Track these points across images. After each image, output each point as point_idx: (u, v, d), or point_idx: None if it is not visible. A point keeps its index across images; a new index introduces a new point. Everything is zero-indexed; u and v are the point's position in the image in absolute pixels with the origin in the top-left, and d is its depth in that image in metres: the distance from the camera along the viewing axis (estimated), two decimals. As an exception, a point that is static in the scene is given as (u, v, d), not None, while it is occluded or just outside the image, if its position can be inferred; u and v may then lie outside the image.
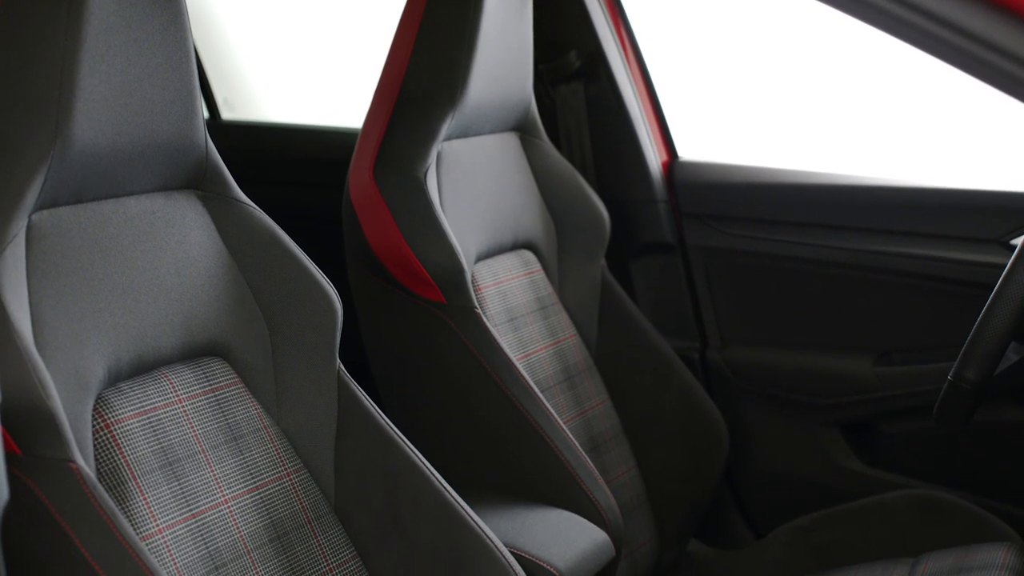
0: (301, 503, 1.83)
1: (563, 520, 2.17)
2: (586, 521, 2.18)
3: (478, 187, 2.48)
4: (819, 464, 2.78)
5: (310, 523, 1.83)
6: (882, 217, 2.69)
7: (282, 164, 3.42)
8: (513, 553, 1.91)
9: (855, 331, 2.74)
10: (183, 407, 1.74)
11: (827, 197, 2.76)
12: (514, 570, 1.86)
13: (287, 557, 1.77)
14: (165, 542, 1.63)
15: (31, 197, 1.58)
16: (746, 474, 2.89)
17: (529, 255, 2.61)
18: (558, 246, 2.69)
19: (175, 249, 1.78)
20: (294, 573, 1.77)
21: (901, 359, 2.68)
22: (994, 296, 1.95)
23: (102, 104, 1.62)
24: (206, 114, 3.56)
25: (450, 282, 2.26)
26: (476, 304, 2.29)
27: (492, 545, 1.86)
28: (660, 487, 2.66)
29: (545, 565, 2.01)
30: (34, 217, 1.60)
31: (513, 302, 2.50)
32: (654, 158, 2.93)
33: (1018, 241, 2.16)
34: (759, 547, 2.70)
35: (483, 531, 1.87)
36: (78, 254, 1.64)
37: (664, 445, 2.66)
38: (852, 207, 2.73)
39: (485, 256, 2.48)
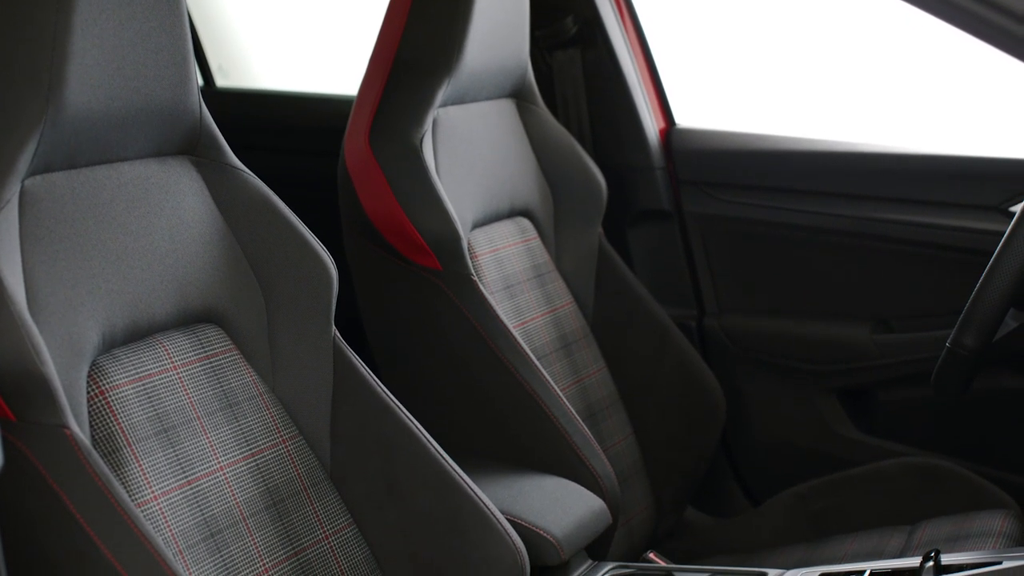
0: (297, 470, 1.82)
1: (560, 487, 2.16)
2: (583, 488, 2.18)
3: (474, 154, 2.46)
4: (816, 432, 2.77)
5: (306, 490, 1.82)
6: (881, 184, 2.68)
7: (277, 132, 3.40)
8: (510, 520, 1.91)
9: (853, 298, 2.73)
10: (178, 374, 1.73)
11: (826, 164, 2.75)
12: (510, 537, 1.86)
13: (283, 524, 1.77)
14: (160, 509, 1.62)
15: (24, 162, 1.56)
16: (743, 442, 2.89)
17: (525, 222, 2.60)
18: (555, 213, 2.68)
19: (169, 215, 1.76)
20: (290, 540, 1.77)
21: (899, 327, 2.68)
22: (993, 262, 1.94)
23: (94, 69, 1.61)
24: (200, 81, 3.54)
25: (446, 249, 2.25)
26: (472, 271, 2.28)
27: (488, 512, 1.86)
28: (657, 455, 2.65)
29: (542, 532, 2.01)
30: (27, 182, 1.59)
31: (509, 269, 2.49)
32: (651, 125, 2.91)
33: (1017, 208, 2.15)
34: (756, 515, 2.70)
35: (479, 498, 1.87)
36: (72, 220, 1.63)
37: (661, 413, 2.66)
38: (851, 174, 2.72)
39: (481, 223, 2.47)
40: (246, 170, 1.87)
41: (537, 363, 2.27)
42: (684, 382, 2.67)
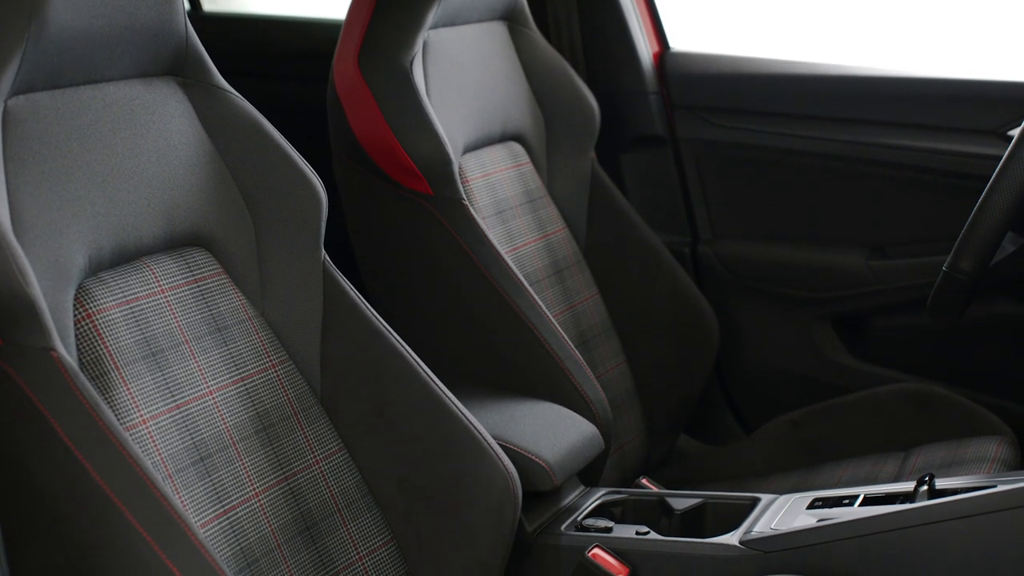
0: (287, 395, 1.81)
1: (552, 413, 2.15)
2: (575, 414, 2.17)
3: (465, 77, 2.43)
4: (811, 359, 2.77)
5: (296, 415, 1.81)
6: (877, 108, 2.66)
7: (265, 57, 3.37)
8: (502, 446, 1.90)
9: (849, 224, 2.72)
10: (166, 297, 1.71)
11: (822, 88, 2.73)
12: (502, 462, 1.85)
13: (273, 448, 1.76)
14: (149, 432, 1.61)
15: (6, 82, 1.54)
16: (736, 369, 2.88)
17: (517, 147, 2.57)
18: (547, 138, 2.65)
19: (155, 137, 1.74)
20: (280, 464, 1.75)
21: (895, 253, 2.67)
22: (991, 185, 1.93)
23: (77, -15, 1.58)
24: (187, 5, 3.49)
25: (437, 173, 2.23)
26: (463, 196, 2.26)
27: (480, 437, 1.85)
28: (649, 382, 2.65)
29: (534, 458, 2.00)
30: (10, 103, 1.56)
31: (501, 194, 2.47)
32: (645, 49, 2.88)
33: (1015, 132, 2.13)
34: (749, 442, 2.70)
35: (471, 423, 1.86)
36: (56, 140, 1.60)
37: (654, 340, 2.65)
38: (847, 98, 2.70)
39: (473, 148, 2.44)
40: (234, 92, 1.85)
41: (529, 288, 2.26)
42: (677, 309, 2.66)
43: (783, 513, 1.89)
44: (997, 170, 1.93)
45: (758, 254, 2.81)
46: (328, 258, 1.87)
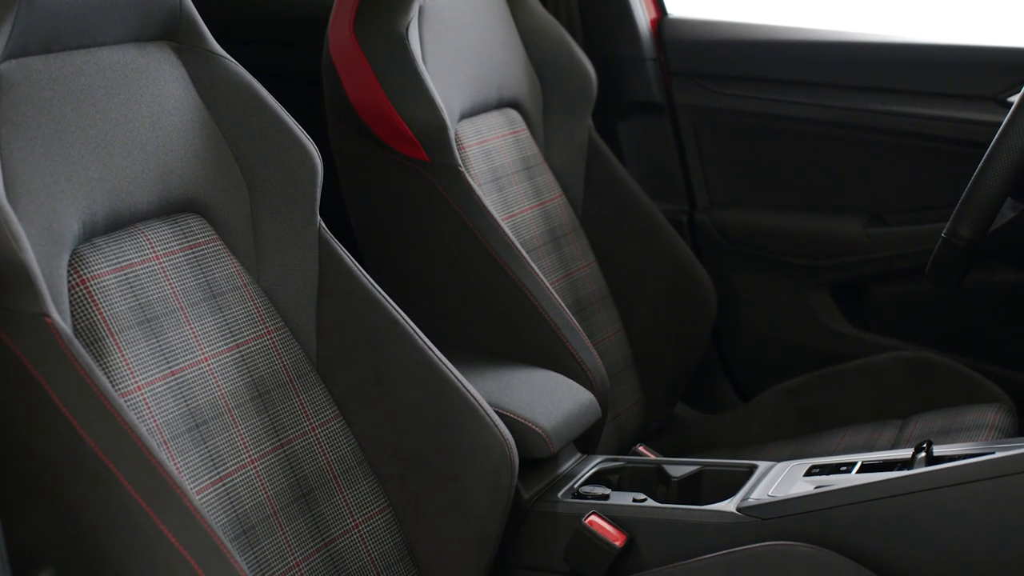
0: (282, 362, 1.80)
1: (549, 380, 2.15)
2: (572, 382, 2.16)
3: (461, 43, 2.42)
4: (808, 327, 2.77)
5: (292, 382, 1.80)
6: (876, 75, 2.64)
7: (260, 23, 3.34)
8: (498, 413, 1.89)
9: (846, 191, 2.71)
10: (160, 264, 1.70)
11: (820, 54, 2.71)
12: (499, 429, 1.84)
13: (268, 416, 1.75)
14: (144, 399, 1.60)
15: (-1, 46, 1.52)
16: (734, 337, 2.88)
17: (514, 114, 2.56)
18: (543, 105, 2.64)
19: (150, 102, 1.72)
20: (275, 431, 1.75)
21: (893, 220, 2.66)
22: (990, 151, 1.92)
23: (70, -52, 1.56)
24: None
25: (433, 139, 2.21)
26: (460, 162, 2.24)
27: (477, 404, 1.84)
28: (647, 350, 2.64)
29: (531, 425, 1.99)
30: (2, 67, 1.55)
31: (498, 161, 2.46)
32: (643, 15, 2.87)
33: (1015, 98, 2.12)
34: (746, 410, 2.70)
35: (468, 390, 1.85)
36: (49, 105, 1.59)
37: (651, 308, 2.64)
38: (845, 64, 2.68)
39: (469, 114, 2.43)
40: (228, 57, 1.83)
41: (526, 256, 2.25)
42: (675, 277, 2.65)
43: (780, 480, 1.89)
44: (997, 136, 1.92)
45: (755, 222, 2.80)
46: (324, 225, 1.86)
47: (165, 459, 1.42)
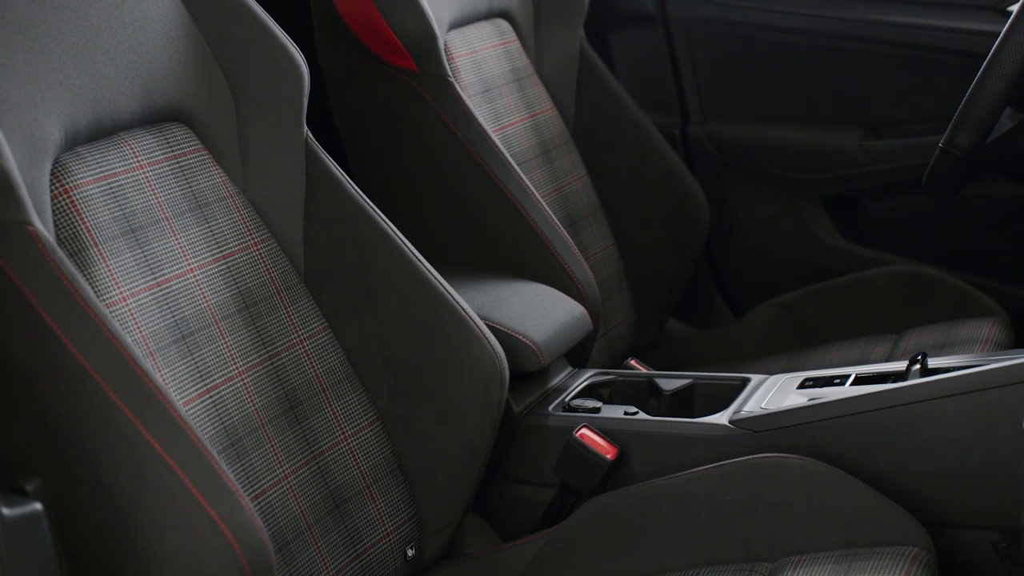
0: (269, 273, 1.77)
1: (539, 293, 2.13)
2: (563, 295, 2.14)
3: (451, -50, 2.37)
4: (802, 241, 2.75)
5: (279, 294, 1.78)
6: (873, -16, 2.61)
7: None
8: (488, 325, 1.88)
9: (842, 104, 2.68)
10: (144, 173, 1.67)
11: (815, -37, 2.67)
12: (489, 341, 1.83)
13: (256, 328, 1.73)
14: (129, 310, 1.58)
15: (-28, -50, 1.48)
16: (727, 252, 2.86)
17: (504, 24, 2.52)
18: (535, 15, 2.60)
19: (131, 8, 1.68)
20: (263, 343, 1.73)
21: (889, 133, 2.63)
22: (990, 60, 1.89)
23: None
24: None
25: (422, 49, 2.18)
26: (449, 73, 2.21)
27: (466, 316, 1.83)
28: (638, 265, 2.62)
29: (521, 337, 1.98)
30: (-23, -27, 1.51)
31: (487, 72, 2.42)
32: (636, -76, 2.82)
33: (1015, 7, 2.08)
34: (739, 325, 2.69)
35: (457, 302, 1.83)
36: (28, 11, 1.55)
37: (643, 222, 2.62)
38: (841, -27, 2.64)
39: (458, 24, 2.39)
40: (211, -38, 1.79)
41: (516, 168, 2.22)
42: (667, 191, 2.63)
43: (773, 393, 1.88)
44: (996, 44, 1.89)
45: (749, 135, 2.77)
46: (311, 135, 1.83)
47: (151, 369, 1.40)
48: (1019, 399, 1.55)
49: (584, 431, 1.87)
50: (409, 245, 1.84)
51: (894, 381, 1.79)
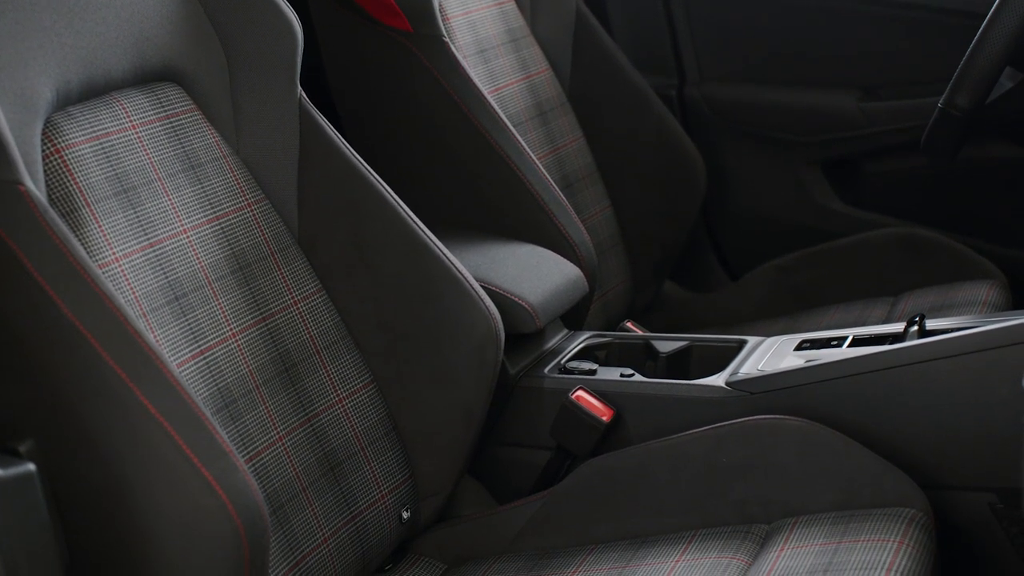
0: (263, 234, 1.76)
1: (535, 255, 2.12)
2: (559, 257, 2.13)
3: (443, -94, 2.35)
4: (800, 204, 2.74)
5: (273, 255, 1.76)
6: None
7: None
8: (484, 287, 1.87)
9: (840, 65, 2.67)
10: (137, 133, 1.65)
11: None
12: (484, 303, 1.82)
13: (250, 289, 1.72)
14: (122, 270, 1.56)
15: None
16: (723, 215, 2.85)
17: (500, -17, 2.50)
18: (531, -26, 2.58)
19: (122, -35, 1.67)
20: (257, 304, 1.72)
21: (887, 94, 2.62)
22: (990, 18, 1.88)
23: None
24: None
25: (416, 9, 2.17)
26: (444, 33, 2.19)
27: (462, 278, 1.82)
28: (634, 228, 2.61)
29: (516, 299, 1.97)
30: (-34, -70, 1.49)
31: (483, 33, 2.40)
32: None
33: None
34: (736, 288, 2.68)
35: (452, 264, 1.82)
36: (17, -30, 1.53)
37: (639, 185, 2.61)
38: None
39: (454, -16, 2.37)
40: (204, -79, 1.77)
41: (512, 129, 2.20)
42: (663, 153, 2.61)
43: (770, 355, 1.87)
44: (996, 4, 1.88)
45: (746, 96, 2.76)
46: (304, 95, 1.81)
47: (144, 330, 1.39)
48: (1017, 360, 1.54)
49: (580, 393, 1.87)
50: (404, 207, 1.83)
51: (892, 343, 1.78)
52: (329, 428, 1.75)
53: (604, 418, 1.84)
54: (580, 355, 2.02)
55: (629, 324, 2.18)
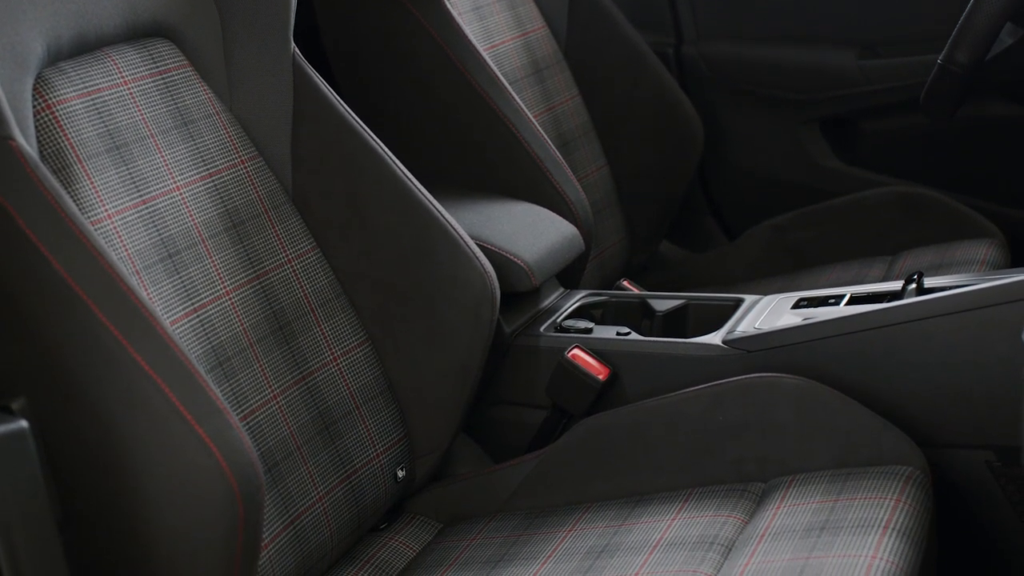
0: (257, 192, 1.75)
1: (531, 213, 2.11)
2: (555, 215, 2.12)
3: None
4: (797, 163, 2.72)
5: (266, 212, 1.75)
6: None
7: None
8: (479, 245, 1.86)
9: (838, 22, 2.64)
10: (129, 89, 1.64)
11: None
12: (480, 261, 1.81)
13: (243, 246, 1.70)
14: (115, 227, 1.55)
15: None
16: (720, 174, 2.83)
17: (496, -61, 2.48)
18: (526, -71, 2.56)
19: (112, -82, 1.65)
20: (251, 263, 1.70)
21: (887, 52, 2.60)
22: (990, -26, 1.86)
23: None
24: None
25: (412, -35, 2.14)
26: (439, -10, 2.18)
27: (457, 235, 1.80)
28: (631, 186, 2.60)
29: (512, 257, 1.96)
30: None
31: (479, -11, 2.39)
32: None
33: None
34: (733, 247, 2.67)
35: (447, 221, 1.81)
36: (6, -77, 1.51)
37: (636, 143, 2.59)
38: None
39: (449, -61, 2.35)
40: None
41: (508, 86, 2.19)
42: (660, 111, 2.60)
43: (767, 313, 1.86)
44: (997, -42, 1.86)
45: (744, 54, 2.74)
46: (299, 52, 1.80)
47: (137, 286, 1.38)
48: (1015, 317, 1.53)
49: (576, 352, 1.86)
50: (399, 164, 1.82)
51: (890, 301, 1.77)
52: (323, 387, 1.74)
53: (600, 377, 1.84)
54: (576, 314, 2.01)
55: (625, 283, 2.17)
